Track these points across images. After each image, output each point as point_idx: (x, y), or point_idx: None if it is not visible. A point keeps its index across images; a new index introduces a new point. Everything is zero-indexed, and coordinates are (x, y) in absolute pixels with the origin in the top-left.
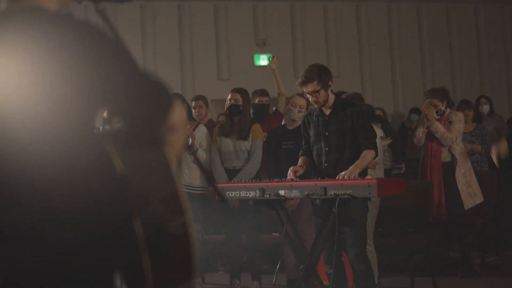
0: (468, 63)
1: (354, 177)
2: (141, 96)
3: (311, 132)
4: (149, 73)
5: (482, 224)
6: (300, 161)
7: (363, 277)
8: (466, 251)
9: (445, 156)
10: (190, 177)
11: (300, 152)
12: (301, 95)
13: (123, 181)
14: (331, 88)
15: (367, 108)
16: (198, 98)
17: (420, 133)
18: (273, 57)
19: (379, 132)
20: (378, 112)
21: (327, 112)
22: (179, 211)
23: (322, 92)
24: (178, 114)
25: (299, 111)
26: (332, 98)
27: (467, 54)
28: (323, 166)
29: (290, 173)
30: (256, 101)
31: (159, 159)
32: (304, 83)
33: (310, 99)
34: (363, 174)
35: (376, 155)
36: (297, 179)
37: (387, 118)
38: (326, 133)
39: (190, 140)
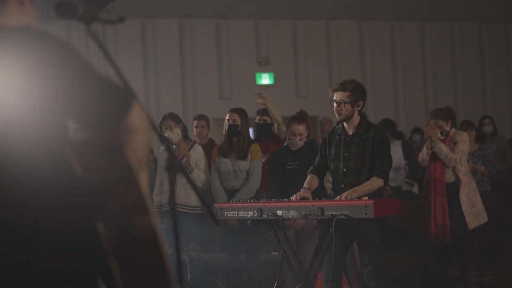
0: (471, 82)
1: (351, 198)
2: (96, 100)
3: (332, 151)
4: (108, 78)
5: (481, 243)
6: (307, 180)
7: None
8: (464, 270)
9: (449, 177)
10: (186, 196)
11: (311, 168)
12: (299, 119)
13: (82, 187)
14: (359, 108)
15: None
16: (200, 117)
17: (424, 154)
18: (259, 94)
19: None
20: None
21: (350, 132)
22: (143, 213)
23: (348, 107)
24: (137, 117)
25: (300, 139)
26: (357, 119)
27: (470, 73)
28: (339, 187)
29: (294, 199)
30: (259, 120)
31: (120, 163)
32: (336, 89)
33: (334, 108)
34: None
35: (385, 184)
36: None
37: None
38: (346, 154)
39: (186, 160)
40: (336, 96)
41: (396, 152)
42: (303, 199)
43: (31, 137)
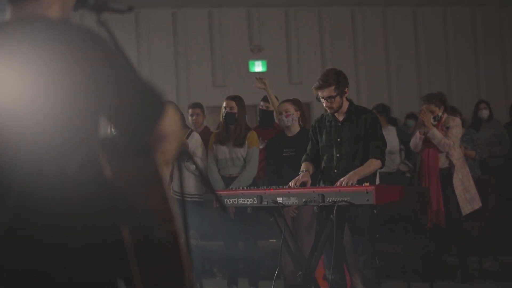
0: (465, 67)
1: (352, 183)
2: (133, 103)
3: (323, 138)
4: (143, 80)
5: (480, 230)
6: (304, 166)
7: (371, 282)
8: (464, 257)
9: (442, 162)
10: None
11: (304, 157)
12: (287, 100)
13: (111, 188)
14: (346, 95)
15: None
16: (195, 105)
17: (417, 139)
18: (260, 78)
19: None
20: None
21: (340, 118)
22: (167, 219)
23: (338, 99)
24: (170, 122)
25: (287, 116)
26: (346, 104)
27: (464, 58)
28: (333, 172)
29: (294, 184)
30: (262, 106)
31: (149, 167)
32: (320, 87)
33: (324, 104)
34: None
35: (383, 165)
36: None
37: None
38: (339, 139)
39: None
40: (323, 93)
41: (391, 137)
42: (303, 183)
43: (64, 132)
